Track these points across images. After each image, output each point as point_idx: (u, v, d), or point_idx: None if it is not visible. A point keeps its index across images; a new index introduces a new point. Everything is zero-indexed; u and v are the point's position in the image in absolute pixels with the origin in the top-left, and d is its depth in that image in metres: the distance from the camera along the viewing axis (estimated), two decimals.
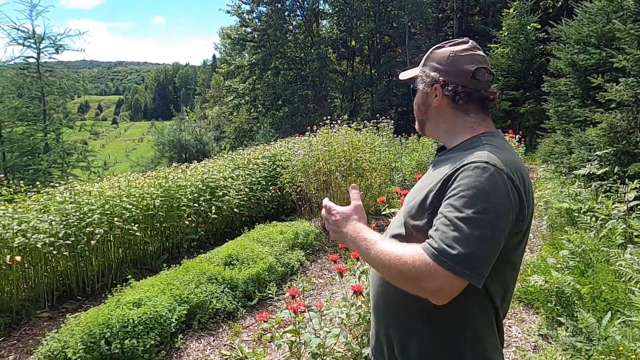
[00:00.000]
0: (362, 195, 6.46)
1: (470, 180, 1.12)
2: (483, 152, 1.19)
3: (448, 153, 1.35)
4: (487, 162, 1.14)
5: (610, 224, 4.45)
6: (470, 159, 1.17)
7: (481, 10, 24.91)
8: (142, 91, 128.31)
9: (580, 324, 3.06)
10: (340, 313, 2.87)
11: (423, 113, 1.44)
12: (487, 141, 1.27)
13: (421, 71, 1.40)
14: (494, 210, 1.10)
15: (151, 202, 5.02)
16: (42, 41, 11.17)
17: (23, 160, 10.31)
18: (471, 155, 1.19)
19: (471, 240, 1.06)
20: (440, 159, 1.35)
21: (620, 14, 6.39)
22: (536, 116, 13.65)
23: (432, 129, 1.45)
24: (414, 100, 1.46)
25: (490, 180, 1.12)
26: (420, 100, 1.43)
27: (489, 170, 1.13)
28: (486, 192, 1.11)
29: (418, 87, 1.42)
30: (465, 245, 1.06)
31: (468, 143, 1.31)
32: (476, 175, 1.13)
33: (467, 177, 1.13)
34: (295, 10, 26.59)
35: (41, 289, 4.14)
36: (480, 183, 1.11)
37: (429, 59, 1.40)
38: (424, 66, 1.41)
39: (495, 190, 1.11)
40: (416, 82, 1.42)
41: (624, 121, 5.81)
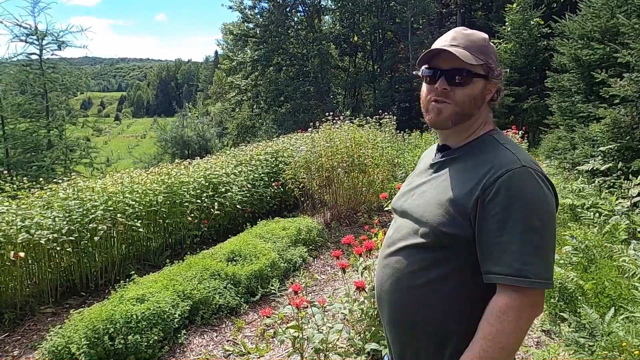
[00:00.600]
0: (365, 191, 6.46)
1: (517, 191, 1.11)
2: (511, 155, 1.18)
3: (457, 152, 1.30)
4: (524, 165, 1.15)
5: (614, 220, 4.44)
6: (504, 164, 1.15)
7: (484, 5, 24.80)
8: (144, 88, 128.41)
9: (584, 319, 3.06)
10: (343, 309, 2.88)
11: (475, 107, 1.27)
12: (502, 140, 1.26)
13: (490, 62, 1.26)
14: (546, 213, 1.13)
15: (154, 198, 5.03)
16: (45, 38, 11.18)
17: (26, 156, 10.34)
18: (501, 158, 1.18)
19: (544, 251, 1.12)
20: (451, 160, 1.29)
21: (624, 9, 6.36)
22: (539, 112, 13.58)
23: (470, 124, 1.30)
24: (458, 89, 1.25)
25: (536, 186, 1.14)
26: (479, 92, 1.27)
27: (529, 173, 1.14)
28: (539, 199, 1.13)
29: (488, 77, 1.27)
30: (542, 257, 1.11)
31: (480, 142, 1.28)
32: (520, 183, 1.12)
33: (512, 187, 1.11)
34: (297, 6, 26.53)
35: (45, 285, 4.16)
36: (530, 193, 1.12)
37: (489, 50, 1.28)
38: (487, 55, 1.26)
39: (539, 192, 1.14)
40: (489, 72, 1.26)
41: (627, 117, 5.78)
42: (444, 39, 1.29)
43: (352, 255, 3.39)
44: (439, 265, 1.20)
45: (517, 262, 1.09)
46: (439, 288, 1.20)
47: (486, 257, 1.14)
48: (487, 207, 1.12)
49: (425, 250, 1.22)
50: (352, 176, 6.35)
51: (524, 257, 1.09)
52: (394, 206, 1.45)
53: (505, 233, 1.10)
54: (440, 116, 1.27)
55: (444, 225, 1.17)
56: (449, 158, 1.31)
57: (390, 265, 1.31)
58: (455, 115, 1.26)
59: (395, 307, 1.29)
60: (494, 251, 1.12)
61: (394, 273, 1.29)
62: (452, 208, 1.17)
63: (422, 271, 1.22)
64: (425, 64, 1.31)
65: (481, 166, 1.19)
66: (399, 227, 1.35)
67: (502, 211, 1.11)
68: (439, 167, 1.32)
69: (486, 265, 1.13)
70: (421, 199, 1.29)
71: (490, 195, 1.12)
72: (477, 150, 1.26)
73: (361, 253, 2.93)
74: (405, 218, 1.34)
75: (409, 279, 1.25)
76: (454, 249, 1.18)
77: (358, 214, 6.43)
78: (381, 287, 1.35)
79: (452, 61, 1.24)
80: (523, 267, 1.08)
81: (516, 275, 1.08)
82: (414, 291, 1.24)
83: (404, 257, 1.27)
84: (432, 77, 1.28)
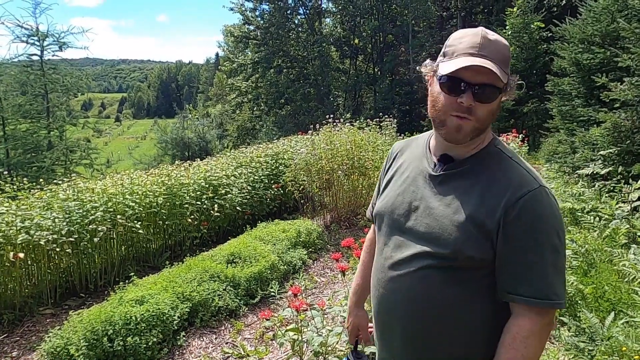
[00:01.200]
0: (365, 193, 6.46)
1: (539, 212, 1.11)
2: (526, 174, 1.17)
3: (463, 166, 1.22)
4: (541, 185, 1.15)
5: (614, 224, 4.44)
6: (524, 184, 1.14)
7: (485, 8, 24.83)
8: (145, 89, 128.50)
9: (583, 324, 3.05)
10: (343, 312, 2.87)
11: (492, 121, 1.20)
12: (507, 152, 1.23)
13: (508, 75, 1.16)
14: (562, 232, 1.14)
15: (154, 199, 5.03)
16: (46, 39, 11.21)
17: (26, 157, 10.36)
18: (517, 177, 1.16)
19: (563, 270, 1.14)
20: (458, 174, 1.21)
21: (625, 13, 6.37)
22: (540, 115, 13.60)
23: (481, 137, 1.22)
24: (482, 104, 1.15)
25: (553, 205, 1.14)
26: (497, 106, 1.19)
27: (546, 193, 1.14)
28: (557, 219, 1.14)
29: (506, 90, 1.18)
30: (562, 276, 1.13)
31: (487, 154, 1.22)
32: (540, 204, 1.12)
33: (534, 208, 1.11)
34: (298, 9, 26.61)
35: (44, 286, 4.15)
36: (550, 213, 1.13)
37: (507, 58, 1.17)
38: (508, 65, 1.17)
39: (557, 210, 1.15)
40: (507, 86, 1.17)
41: (628, 121, 5.78)
42: (469, 44, 1.15)
43: (352, 257, 3.39)
44: (459, 288, 1.16)
45: (542, 283, 1.10)
46: (462, 315, 1.17)
47: (509, 276, 1.12)
48: (510, 228, 1.10)
49: (443, 272, 1.16)
50: (352, 179, 6.35)
51: (549, 278, 1.10)
52: (385, 215, 1.33)
53: (530, 253, 1.10)
54: (460, 133, 1.16)
55: (467, 247, 1.12)
56: (455, 172, 1.22)
57: (402, 289, 1.22)
58: (475, 131, 1.17)
59: (414, 337, 1.22)
60: (517, 272, 1.11)
61: (409, 298, 1.21)
62: (473, 229, 1.12)
63: (442, 296, 1.17)
64: (447, 73, 1.15)
65: (497, 184, 1.15)
66: (401, 245, 1.25)
67: (527, 232, 1.10)
68: (443, 181, 1.23)
69: (508, 285, 1.12)
70: (431, 218, 1.20)
71: (513, 216, 1.10)
72: (487, 165, 1.20)
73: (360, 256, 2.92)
74: (408, 236, 1.24)
75: (429, 306, 1.18)
76: (473, 271, 1.15)
77: (358, 216, 6.43)
78: (390, 311, 1.27)
79: (482, 75, 1.12)
80: (548, 289, 1.10)
81: (542, 298, 1.09)
82: (436, 320, 1.18)
83: (418, 281, 1.19)
84: (456, 88, 1.14)
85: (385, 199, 1.35)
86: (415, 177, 1.29)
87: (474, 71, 1.11)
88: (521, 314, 1.12)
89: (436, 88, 1.20)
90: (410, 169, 1.33)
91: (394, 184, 1.36)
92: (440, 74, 1.17)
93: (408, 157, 1.38)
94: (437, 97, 1.19)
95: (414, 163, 1.33)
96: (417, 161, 1.32)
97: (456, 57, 1.15)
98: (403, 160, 1.39)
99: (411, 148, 1.41)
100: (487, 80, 1.12)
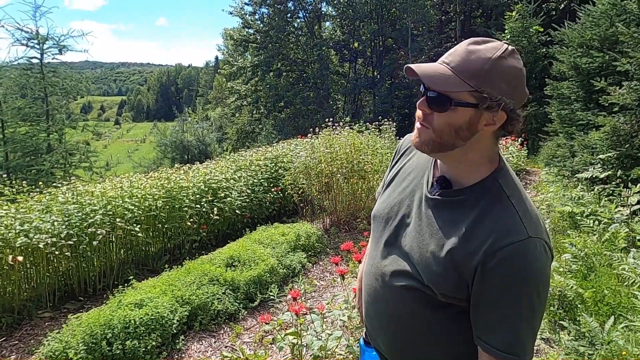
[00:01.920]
0: (364, 197, 6.46)
1: (521, 267, 1.02)
2: (518, 221, 1.06)
3: (458, 196, 1.14)
4: (530, 236, 1.04)
5: (613, 228, 4.44)
6: (511, 232, 1.04)
7: (484, 12, 24.93)
8: (144, 92, 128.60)
9: (583, 328, 3.05)
10: (342, 315, 2.87)
11: (458, 138, 1.08)
12: (508, 190, 1.11)
13: (485, 88, 1.03)
14: (544, 290, 1.07)
15: (153, 203, 5.02)
16: (46, 42, 11.21)
17: (26, 160, 10.35)
18: (506, 222, 1.06)
19: (536, 328, 1.09)
20: (451, 203, 1.15)
21: (623, 17, 6.39)
22: (539, 119, 13.62)
23: (456, 157, 1.13)
24: (438, 114, 1.08)
25: (539, 259, 1.04)
26: (464, 122, 1.06)
27: (534, 246, 1.04)
28: (541, 275, 1.05)
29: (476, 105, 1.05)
30: (533, 335, 1.08)
31: (485, 189, 1.12)
32: (524, 257, 1.02)
33: (515, 261, 1.02)
34: (298, 12, 26.64)
35: (43, 289, 4.14)
36: (533, 269, 1.03)
37: (492, 74, 1.03)
38: (484, 81, 1.03)
39: (543, 267, 1.05)
40: (483, 101, 1.04)
41: (627, 125, 5.79)
42: (449, 52, 1.11)
43: (351, 261, 3.39)
44: (440, 311, 1.15)
45: (513, 338, 1.06)
46: (443, 337, 1.17)
47: (480, 324, 1.10)
48: (487, 276, 1.04)
49: (424, 295, 1.14)
50: (352, 182, 6.35)
51: (520, 333, 1.06)
52: (380, 220, 1.31)
53: (502, 307, 1.05)
54: (418, 139, 1.12)
55: (441, 283, 1.10)
56: (449, 200, 1.15)
57: (387, 301, 1.24)
58: (431, 142, 1.10)
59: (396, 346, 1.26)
60: (489, 321, 1.08)
61: (392, 313, 1.23)
62: (450, 267, 1.08)
63: (423, 316, 1.17)
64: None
65: (484, 226, 1.07)
66: (389, 258, 1.24)
67: (503, 284, 1.04)
68: (436, 206, 1.17)
69: (479, 332, 1.10)
70: (415, 240, 1.17)
71: (492, 264, 1.03)
72: (483, 202, 1.11)
73: (360, 259, 2.92)
74: (397, 252, 1.23)
75: (410, 324, 1.20)
76: (453, 305, 1.13)
77: (357, 220, 6.43)
78: (374, 318, 1.30)
79: (433, 82, 1.06)
80: (516, 344, 1.06)
81: (508, 352, 1.05)
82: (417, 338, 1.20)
83: (401, 297, 1.19)
84: (423, 94, 1.11)
85: (384, 203, 1.34)
86: (413, 191, 1.26)
87: (429, 77, 1.06)
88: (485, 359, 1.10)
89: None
90: (412, 178, 1.29)
91: (394, 186, 1.34)
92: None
93: (414, 160, 1.34)
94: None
95: (417, 172, 1.29)
96: (420, 171, 1.28)
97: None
98: (410, 160, 1.35)
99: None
100: (437, 88, 1.05)
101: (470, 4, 24.15)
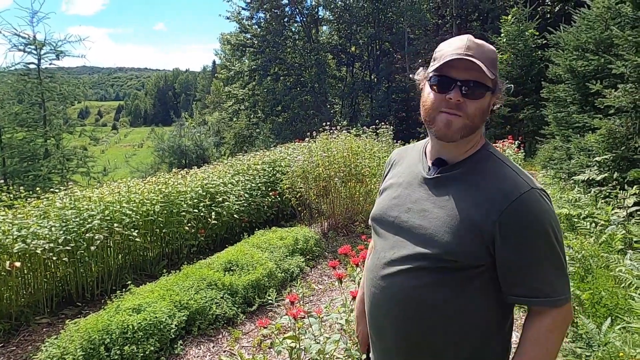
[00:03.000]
0: (362, 200, 6.47)
1: (534, 214, 1.13)
2: (517, 177, 1.18)
3: (456, 169, 1.24)
4: (533, 188, 1.16)
5: (610, 230, 4.46)
6: (515, 187, 1.15)
7: (480, 16, 25.04)
8: (142, 97, 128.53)
9: (581, 330, 3.06)
10: (340, 319, 2.87)
11: (482, 121, 1.23)
12: (499, 156, 1.26)
13: (496, 74, 1.20)
14: (559, 230, 1.16)
15: (151, 207, 5.02)
16: (43, 47, 11.23)
17: (23, 166, 10.33)
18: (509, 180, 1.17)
19: (565, 265, 1.17)
20: (452, 177, 1.24)
21: (618, 21, 6.43)
22: (535, 122, 13.69)
23: (472, 138, 1.25)
24: (471, 101, 1.18)
25: (546, 205, 1.16)
26: (487, 106, 1.22)
27: (536, 195, 1.15)
28: (553, 218, 1.15)
29: (495, 92, 1.22)
30: (566, 272, 1.17)
31: (480, 158, 1.24)
32: (534, 206, 1.13)
33: (529, 211, 1.13)
34: (295, 17, 26.72)
35: (40, 295, 4.13)
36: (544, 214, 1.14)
37: (494, 60, 1.21)
38: (496, 69, 1.21)
39: (550, 210, 1.16)
40: (495, 87, 1.21)
41: (622, 127, 5.83)
42: (456, 46, 1.19)
43: (349, 265, 3.39)
44: (451, 290, 1.17)
45: (551, 282, 1.13)
46: (454, 316, 1.18)
47: (513, 281, 1.15)
48: (506, 232, 1.12)
49: (435, 273, 1.17)
50: (349, 186, 6.36)
51: (550, 278, 1.13)
52: (381, 219, 1.36)
53: (528, 256, 1.13)
54: (451, 129, 1.19)
55: (459, 249, 1.14)
56: (448, 175, 1.24)
57: (393, 287, 1.23)
58: (465, 128, 1.19)
59: (408, 331, 1.23)
60: (521, 275, 1.14)
61: (399, 298, 1.22)
62: (466, 231, 1.14)
63: (433, 297, 1.17)
64: (435, 71, 1.21)
65: (490, 187, 1.17)
66: (395, 245, 1.27)
67: (522, 235, 1.12)
68: (437, 184, 1.25)
69: (516, 290, 1.15)
70: (425, 219, 1.22)
71: (507, 220, 1.12)
72: (479, 168, 1.22)
73: (358, 263, 2.93)
74: (402, 236, 1.26)
75: (418, 307, 1.19)
76: (465, 272, 1.16)
77: (355, 223, 6.43)
78: (380, 310, 1.28)
79: (469, 72, 1.16)
80: (557, 286, 1.13)
81: (554, 296, 1.13)
82: (427, 321, 1.19)
83: (409, 280, 1.20)
84: (444, 86, 1.18)
85: (381, 204, 1.38)
86: (410, 181, 1.33)
87: (461, 69, 1.17)
88: (541, 314, 1.15)
89: (427, 89, 1.25)
90: (406, 174, 1.36)
91: (390, 189, 1.39)
92: (430, 74, 1.23)
93: (405, 164, 1.41)
94: (427, 96, 1.24)
95: (410, 168, 1.37)
96: (413, 166, 1.36)
97: (444, 59, 1.19)
98: (400, 167, 1.42)
99: (408, 155, 1.44)
100: (474, 77, 1.16)
101: (467, 7, 24.28)
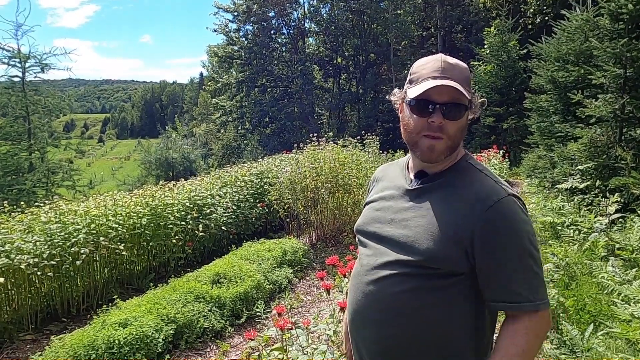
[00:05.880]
0: (350, 211, 6.50)
1: (510, 221, 1.17)
2: (494, 184, 1.23)
3: (437, 179, 1.28)
4: (509, 194, 1.21)
5: (593, 237, 4.53)
6: (492, 194, 1.20)
7: (464, 28, 25.42)
8: (128, 109, 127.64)
9: (565, 336, 3.10)
10: (328, 330, 2.88)
11: (462, 137, 1.28)
12: (478, 166, 1.30)
13: (471, 93, 1.25)
14: (533, 236, 1.20)
15: (138, 221, 4.99)
16: (28, 60, 11.11)
17: (7, 179, 10.16)
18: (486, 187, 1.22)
19: (542, 272, 1.19)
20: (432, 188, 1.28)
21: (596, 33, 6.60)
22: (519, 131, 13.88)
23: (454, 154, 1.29)
24: (452, 122, 1.22)
25: (521, 212, 1.20)
26: (465, 123, 1.27)
27: (511, 202, 1.20)
28: (529, 224, 1.20)
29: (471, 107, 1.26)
30: (537, 280, 1.18)
31: (459, 168, 1.28)
32: (510, 212, 1.18)
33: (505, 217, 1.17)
34: (282, 29, 26.89)
35: (25, 311, 4.07)
36: (520, 220, 1.18)
37: (468, 78, 1.26)
38: (469, 84, 1.26)
39: (525, 217, 1.20)
40: (471, 104, 1.26)
41: (603, 136, 5.95)
42: (432, 68, 1.23)
43: (337, 275, 3.40)
44: (432, 295, 1.19)
45: (530, 286, 1.16)
46: (433, 322, 1.19)
47: (494, 287, 1.18)
48: (485, 237, 1.16)
49: (416, 280, 1.20)
50: (337, 196, 6.39)
51: (534, 280, 1.16)
52: (365, 230, 1.38)
53: (507, 262, 1.16)
54: (434, 152, 1.23)
55: (440, 255, 1.17)
56: (429, 185, 1.29)
57: (374, 292, 1.26)
58: (447, 149, 1.24)
59: (387, 336, 1.23)
60: (501, 281, 1.16)
61: (380, 302, 1.24)
62: (446, 238, 1.18)
63: (413, 303, 1.20)
64: (413, 95, 1.23)
65: (468, 196, 1.21)
66: (378, 253, 1.29)
67: (500, 241, 1.15)
68: (419, 195, 1.29)
69: (494, 295, 1.18)
70: (407, 229, 1.25)
71: (485, 226, 1.16)
72: (459, 178, 1.26)
73: (345, 274, 2.94)
74: (385, 245, 1.28)
75: (399, 312, 1.21)
76: (446, 278, 1.19)
77: (343, 234, 6.45)
78: (363, 313, 1.29)
79: (448, 95, 1.20)
80: (536, 291, 1.16)
81: (534, 300, 1.15)
82: (406, 326, 1.20)
83: (393, 284, 1.22)
84: (424, 110, 1.22)
85: (365, 216, 1.42)
86: (393, 194, 1.36)
87: (441, 91, 1.20)
88: (513, 317, 1.18)
89: (406, 112, 1.28)
90: (390, 188, 1.40)
91: (374, 202, 1.43)
92: (409, 98, 1.25)
93: (387, 179, 1.45)
94: (408, 121, 1.27)
95: (393, 182, 1.40)
96: (396, 180, 1.40)
97: (422, 82, 1.23)
98: (383, 183, 1.46)
99: (391, 171, 1.48)
100: (452, 99, 1.21)
101: (451, 19, 24.65)
